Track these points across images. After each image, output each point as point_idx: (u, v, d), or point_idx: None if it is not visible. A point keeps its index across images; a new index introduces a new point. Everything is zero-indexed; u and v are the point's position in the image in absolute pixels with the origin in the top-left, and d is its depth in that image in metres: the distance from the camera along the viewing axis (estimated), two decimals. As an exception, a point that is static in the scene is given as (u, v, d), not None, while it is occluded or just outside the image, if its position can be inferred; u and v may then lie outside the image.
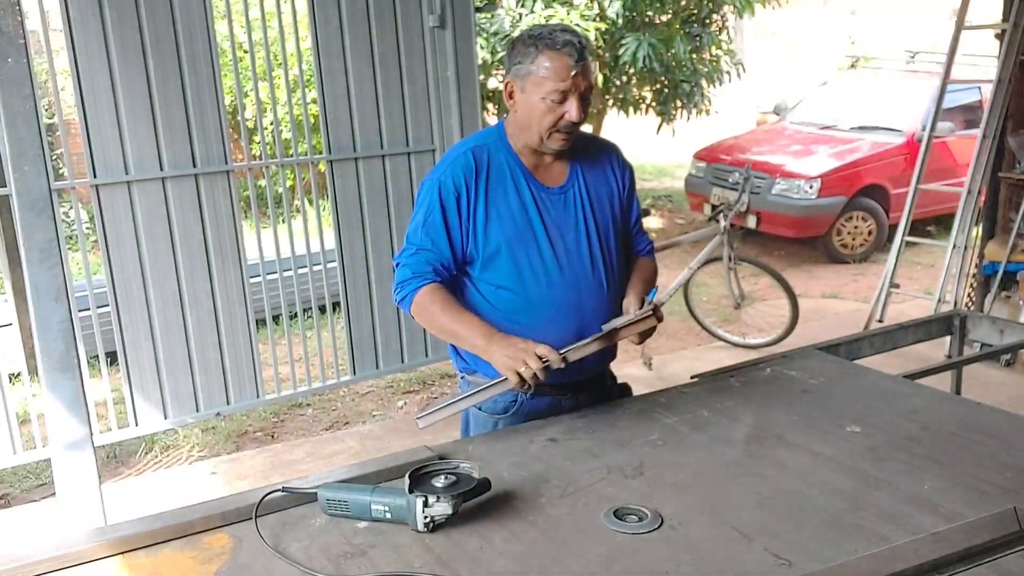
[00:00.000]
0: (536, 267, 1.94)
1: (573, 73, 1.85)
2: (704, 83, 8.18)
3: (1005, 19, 4.90)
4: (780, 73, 13.18)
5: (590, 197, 2.02)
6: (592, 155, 2.06)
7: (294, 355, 4.41)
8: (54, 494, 3.20)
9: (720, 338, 5.39)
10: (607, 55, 7.74)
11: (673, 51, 7.52)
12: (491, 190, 1.97)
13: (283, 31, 3.80)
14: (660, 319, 1.95)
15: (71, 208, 5.85)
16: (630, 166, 2.16)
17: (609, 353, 2.09)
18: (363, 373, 4.06)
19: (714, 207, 5.54)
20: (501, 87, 2.04)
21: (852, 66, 12.39)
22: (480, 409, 2.05)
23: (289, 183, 7.30)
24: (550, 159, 2.02)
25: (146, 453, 4.09)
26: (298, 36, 3.80)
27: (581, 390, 2.08)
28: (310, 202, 7.61)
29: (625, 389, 2.23)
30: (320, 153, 3.85)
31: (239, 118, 3.84)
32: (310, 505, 1.61)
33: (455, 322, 1.91)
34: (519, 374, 1.79)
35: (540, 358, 1.79)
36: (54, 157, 6.79)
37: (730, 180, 6.53)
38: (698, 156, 8.18)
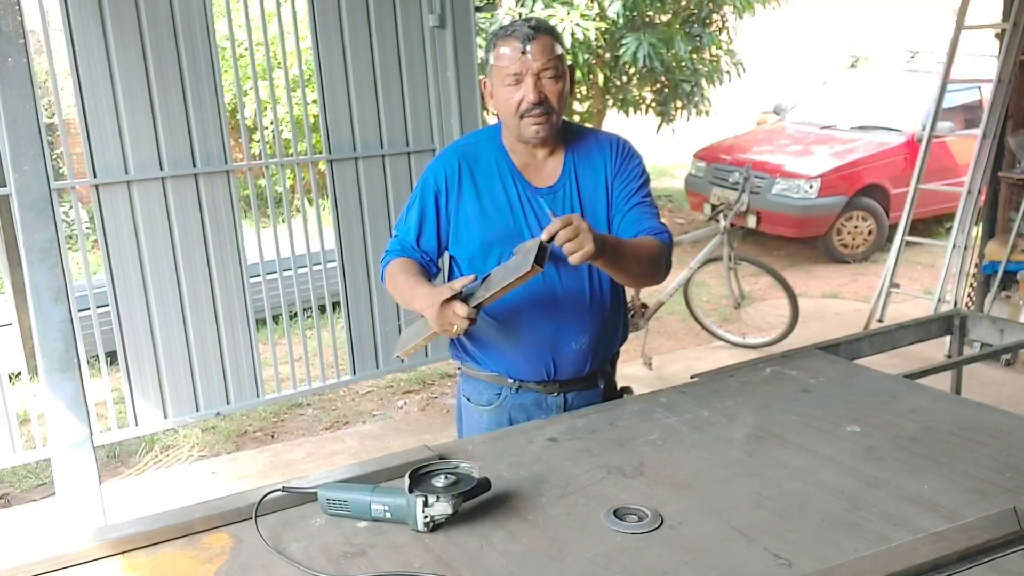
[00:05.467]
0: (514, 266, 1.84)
1: (522, 52, 1.87)
2: (704, 83, 8.18)
3: (1005, 19, 4.90)
4: (780, 73, 13.16)
5: (581, 197, 2.00)
6: (590, 153, 2.04)
7: (294, 355, 4.41)
8: (54, 494, 3.20)
9: (720, 338, 5.39)
10: (607, 55, 7.74)
11: (673, 51, 7.52)
12: (479, 189, 1.99)
13: (283, 30, 3.80)
14: (541, 264, 1.69)
15: (71, 208, 5.85)
16: (626, 152, 2.05)
17: (596, 355, 2.07)
18: (363, 373, 4.07)
19: (714, 207, 5.53)
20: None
21: (852, 66, 12.39)
22: (468, 400, 2.14)
23: (289, 183, 7.31)
24: (543, 157, 2.01)
25: (146, 453, 4.09)
26: (298, 35, 3.80)
27: (568, 388, 2.09)
28: (310, 202, 7.61)
29: (626, 392, 2.23)
30: (320, 153, 3.85)
31: (239, 118, 3.85)
32: (310, 505, 1.61)
33: (405, 284, 1.97)
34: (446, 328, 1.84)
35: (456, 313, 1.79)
36: (54, 157, 6.79)
37: (730, 180, 6.53)
38: (698, 156, 8.19)
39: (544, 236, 1.70)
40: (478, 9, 4.19)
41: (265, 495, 1.59)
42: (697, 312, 5.47)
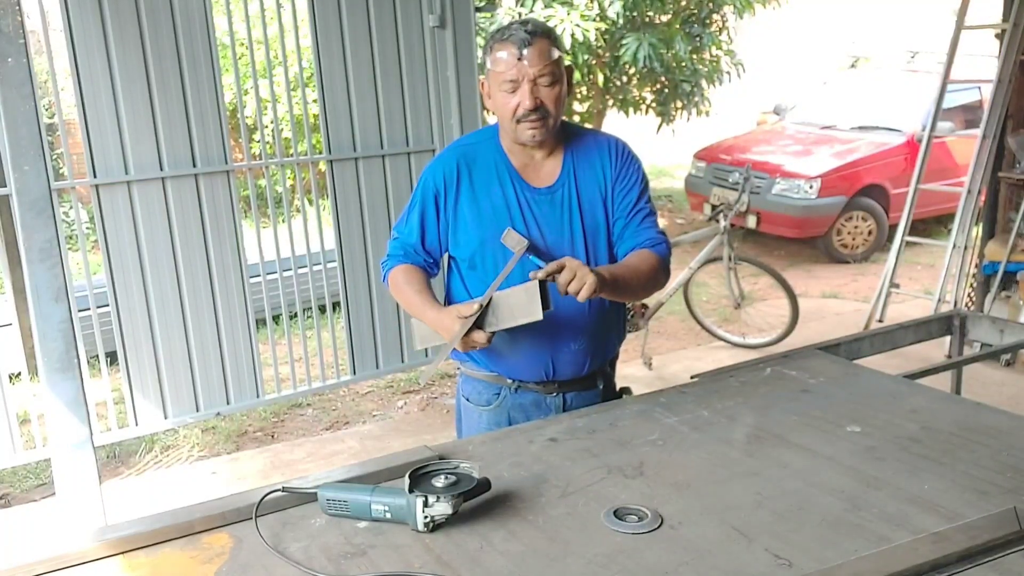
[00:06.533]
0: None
1: (518, 58, 1.87)
2: (704, 83, 8.18)
3: (1005, 19, 4.90)
4: (780, 73, 13.17)
5: (580, 197, 2.00)
6: (589, 154, 2.04)
7: (294, 355, 4.41)
8: (54, 494, 3.20)
9: (720, 338, 5.39)
10: (607, 55, 7.74)
11: (673, 51, 7.52)
12: (476, 190, 1.99)
13: (283, 29, 3.80)
14: (548, 306, 1.76)
15: (71, 208, 5.85)
16: (626, 155, 2.06)
17: (595, 355, 2.08)
18: (363, 373, 4.07)
19: (714, 207, 5.53)
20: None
21: (852, 66, 12.39)
22: (468, 400, 2.15)
23: (289, 183, 7.31)
24: (541, 157, 2.01)
25: (146, 453, 4.09)
26: (298, 34, 3.80)
27: (567, 388, 2.09)
28: (310, 202, 7.61)
29: (625, 392, 2.23)
30: (320, 153, 3.85)
31: (239, 117, 3.85)
32: (310, 505, 1.61)
33: (412, 301, 2.01)
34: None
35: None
36: (54, 157, 6.79)
37: (730, 180, 6.53)
38: (698, 156, 8.19)
39: (541, 275, 1.75)
40: (478, 9, 4.19)
41: (265, 495, 1.59)
42: (697, 312, 5.46)
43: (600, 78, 7.91)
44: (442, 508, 1.48)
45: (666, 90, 8.19)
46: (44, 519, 3.51)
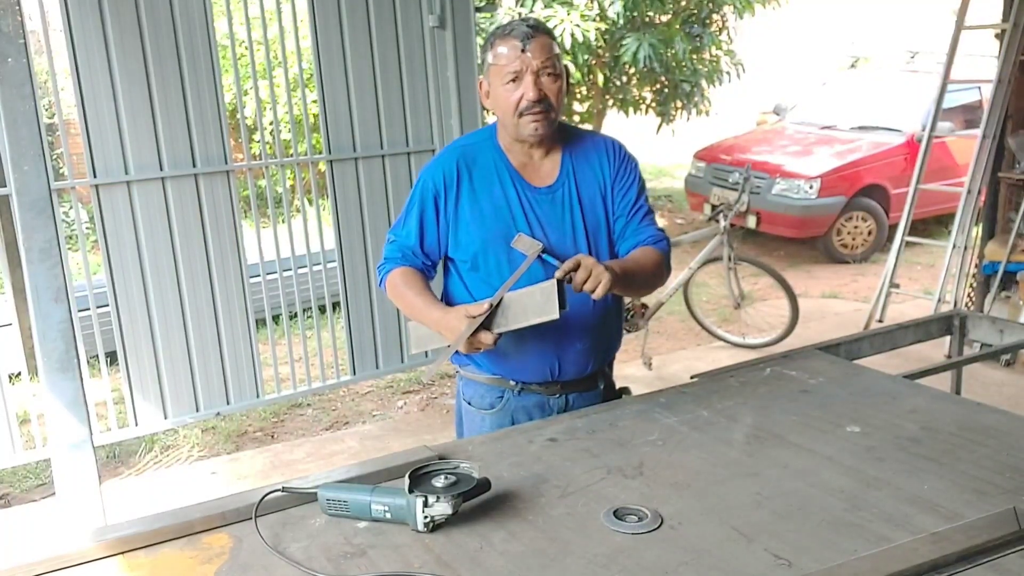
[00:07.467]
0: (515, 266, 1.91)
1: (521, 50, 1.88)
2: (704, 83, 8.19)
3: (1005, 19, 4.90)
4: (780, 73, 13.17)
5: (580, 196, 2.01)
6: (586, 153, 2.04)
7: (294, 355, 4.41)
8: (54, 494, 3.21)
9: (720, 338, 5.39)
10: (607, 55, 7.74)
11: (673, 51, 7.52)
12: (476, 190, 1.99)
13: (283, 30, 3.81)
14: (564, 306, 1.76)
15: (71, 208, 5.85)
16: (623, 155, 2.07)
17: (597, 355, 2.08)
18: (363, 373, 4.07)
19: (714, 207, 5.54)
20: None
21: (852, 66, 12.41)
22: (469, 404, 2.13)
23: (289, 183, 7.30)
24: (540, 157, 2.01)
25: (146, 453, 4.09)
26: (298, 35, 3.80)
27: (570, 389, 2.09)
28: (310, 202, 7.61)
29: (624, 393, 2.23)
30: (320, 153, 3.85)
31: (239, 118, 3.85)
32: (310, 505, 1.61)
33: (413, 303, 2.00)
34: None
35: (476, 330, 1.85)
36: (54, 157, 6.79)
37: (730, 180, 6.53)
38: (698, 156, 8.19)
39: (559, 274, 1.75)
40: (478, 9, 4.19)
41: (265, 495, 1.59)
42: (697, 312, 5.46)
43: (600, 78, 7.91)
44: (442, 508, 1.48)
45: (666, 90, 8.20)
46: (44, 519, 3.51)
